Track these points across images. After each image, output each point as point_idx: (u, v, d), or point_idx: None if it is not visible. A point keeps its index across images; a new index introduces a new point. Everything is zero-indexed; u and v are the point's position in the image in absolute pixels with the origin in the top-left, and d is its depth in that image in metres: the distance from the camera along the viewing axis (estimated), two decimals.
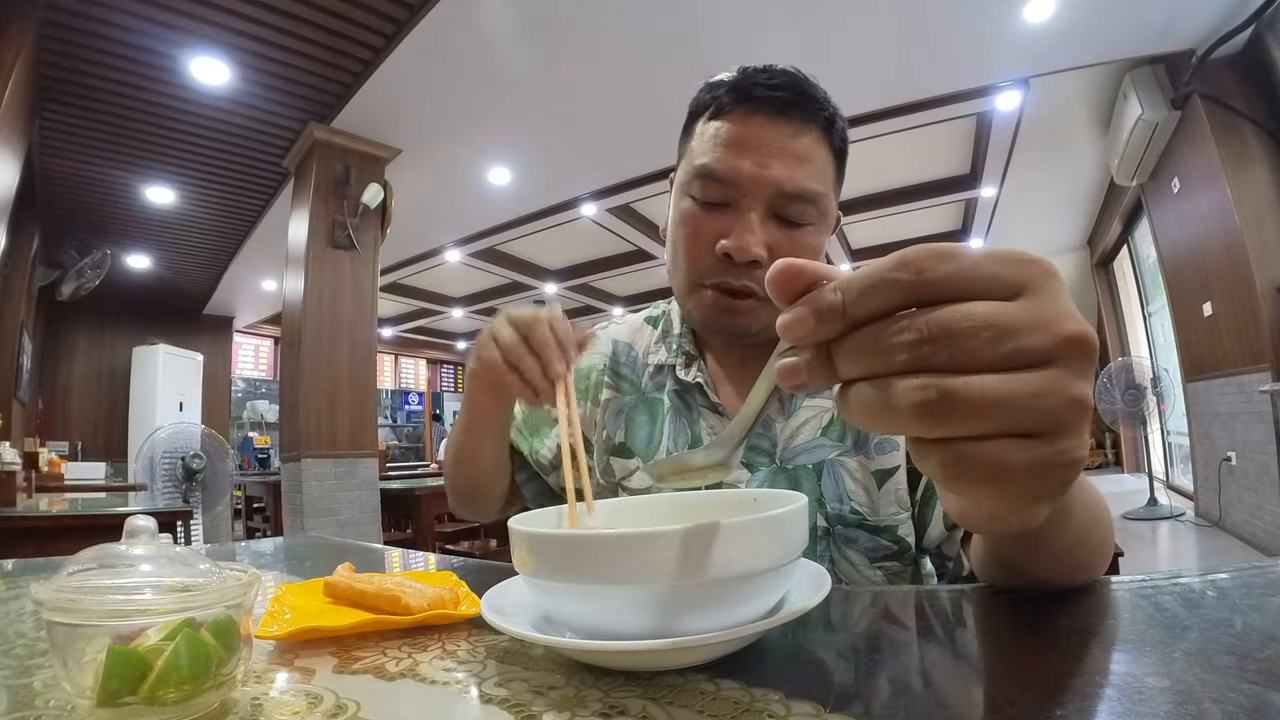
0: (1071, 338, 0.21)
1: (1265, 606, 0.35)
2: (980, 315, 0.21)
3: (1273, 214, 3.15)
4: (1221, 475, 3.69)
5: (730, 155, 0.60)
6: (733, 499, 0.44)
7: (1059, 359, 0.21)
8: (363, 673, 0.34)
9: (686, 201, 0.64)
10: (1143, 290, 5.85)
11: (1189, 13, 3.04)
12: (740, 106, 0.61)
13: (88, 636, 0.27)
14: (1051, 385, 0.21)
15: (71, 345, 6.31)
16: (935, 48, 3.27)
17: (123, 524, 0.34)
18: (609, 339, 0.79)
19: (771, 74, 0.61)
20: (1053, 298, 0.22)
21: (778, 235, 0.60)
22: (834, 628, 0.39)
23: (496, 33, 3.03)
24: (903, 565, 0.61)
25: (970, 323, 0.21)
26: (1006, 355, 0.21)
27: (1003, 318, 0.21)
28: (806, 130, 0.60)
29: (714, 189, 0.61)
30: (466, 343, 10.53)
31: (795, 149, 0.60)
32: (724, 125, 0.61)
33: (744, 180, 0.59)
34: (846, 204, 5.21)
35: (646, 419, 0.71)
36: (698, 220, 0.62)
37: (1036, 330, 0.21)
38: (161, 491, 3.63)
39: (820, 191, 0.61)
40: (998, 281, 0.22)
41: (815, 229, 0.62)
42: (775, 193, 0.59)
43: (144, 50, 3.00)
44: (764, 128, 0.60)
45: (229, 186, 4.41)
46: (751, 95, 0.60)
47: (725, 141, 0.60)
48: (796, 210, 0.60)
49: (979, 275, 0.21)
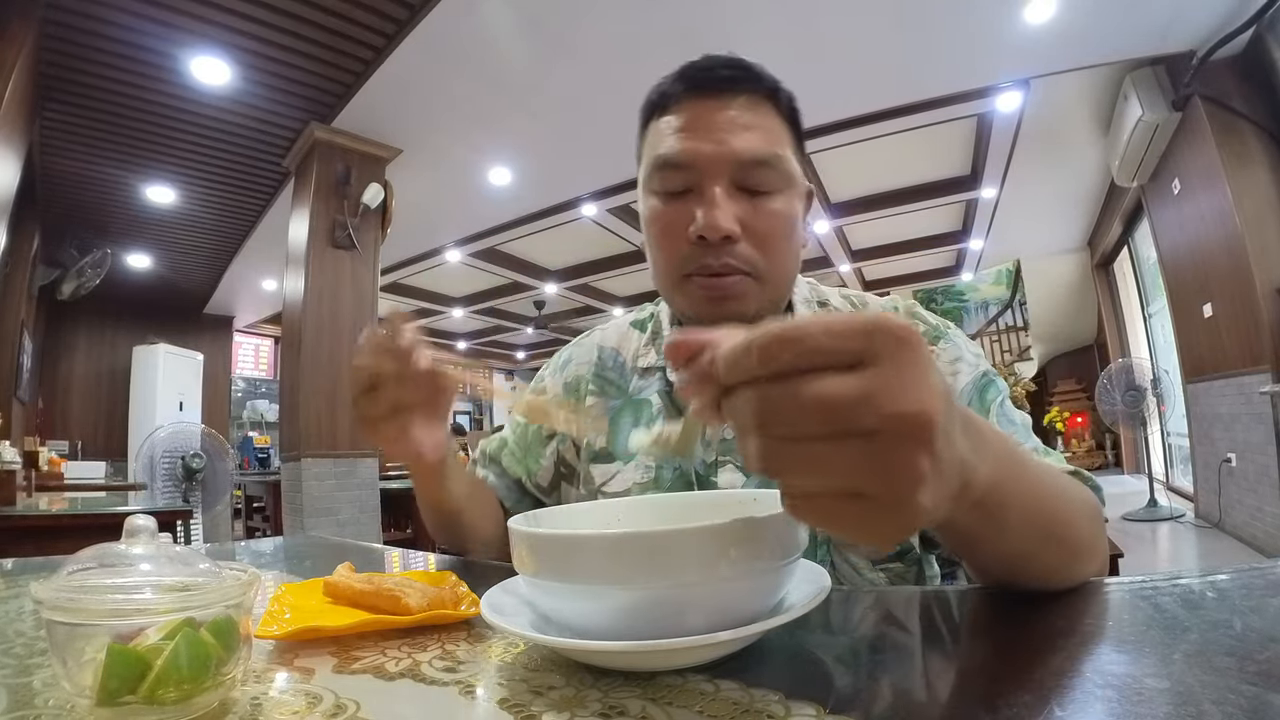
0: (897, 414, 0.23)
1: (1265, 608, 0.35)
2: (803, 395, 0.23)
3: (1273, 215, 3.15)
4: (1221, 476, 3.69)
5: (683, 140, 0.61)
6: (733, 499, 0.44)
7: (882, 432, 0.23)
8: (362, 673, 0.34)
9: (652, 199, 0.65)
10: (1143, 291, 5.85)
11: (1189, 14, 3.04)
12: (685, 95, 0.62)
13: (87, 636, 0.27)
14: (872, 455, 0.23)
15: (72, 344, 6.31)
16: (936, 48, 3.27)
17: (122, 523, 0.34)
18: (594, 345, 0.79)
19: (710, 59, 0.63)
20: (895, 367, 0.23)
21: (745, 207, 0.60)
22: (834, 629, 0.39)
23: (497, 33, 3.03)
24: (905, 566, 0.60)
25: (795, 401, 0.23)
26: (834, 428, 0.23)
27: (827, 395, 0.23)
28: (753, 101, 0.62)
29: (674, 177, 0.62)
30: (467, 342, 10.53)
31: (745, 120, 0.60)
32: (672, 117, 0.63)
33: (700, 160, 0.60)
34: (847, 204, 5.18)
35: (631, 421, 0.71)
36: (666, 213, 0.63)
37: (861, 405, 0.23)
38: (161, 491, 3.64)
39: (778, 154, 0.61)
40: (837, 354, 0.23)
41: (782, 195, 0.62)
42: (734, 164, 0.60)
43: (145, 50, 3.00)
44: (710, 108, 0.61)
45: (229, 186, 4.41)
46: (693, 80, 0.62)
47: (676, 129, 0.62)
48: (758, 177, 0.60)
49: (820, 351, 0.23)
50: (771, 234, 0.61)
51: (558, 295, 7.65)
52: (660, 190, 0.63)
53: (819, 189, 5.20)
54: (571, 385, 0.77)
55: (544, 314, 8.24)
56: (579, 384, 0.77)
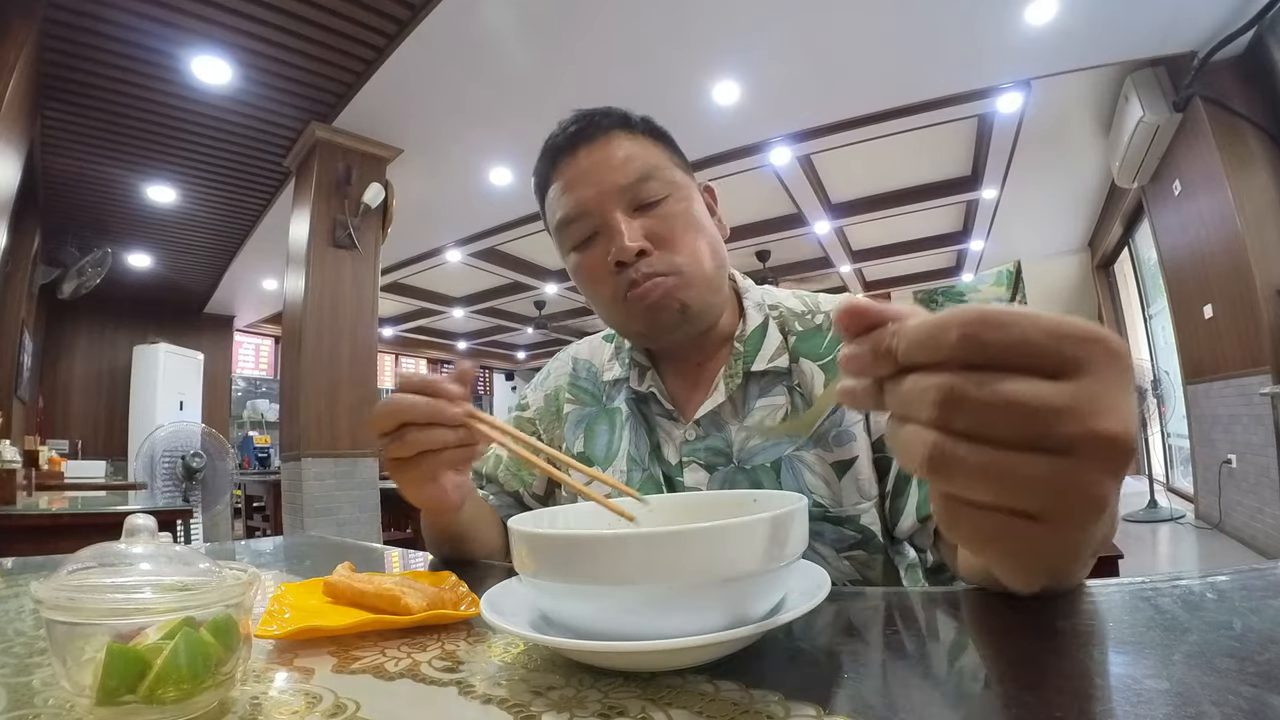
0: (1101, 435, 0.21)
1: (1265, 609, 0.35)
2: (1004, 393, 0.21)
3: (1273, 217, 3.15)
4: (1222, 478, 3.69)
5: (569, 196, 0.67)
6: (732, 499, 0.44)
7: (1080, 451, 0.21)
8: (362, 672, 0.34)
9: (571, 256, 0.70)
10: (1143, 292, 5.84)
11: (1190, 15, 3.04)
12: (555, 164, 0.69)
13: (87, 635, 0.27)
14: (1062, 475, 0.21)
15: (72, 343, 6.31)
16: (937, 49, 3.27)
17: (122, 523, 0.34)
18: (569, 358, 0.84)
19: (563, 125, 0.70)
20: (1104, 384, 0.21)
21: (646, 221, 0.65)
22: (833, 629, 0.39)
23: (499, 33, 3.03)
24: (869, 554, 0.62)
25: (991, 398, 0.21)
26: (1025, 436, 0.21)
27: (1030, 398, 0.21)
28: (610, 136, 0.67)
29: (578, 229, 0.67)
30: (467, 342, 10.54)
31: (611, 154, 0.66)
32: (556, 185, 0.69)
33: (591, 204, 0.65)
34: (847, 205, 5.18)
35: (606, 427, 0.75)
36: (586, 260, 0.68)
37: (1065, 418, 0.21)
38: (161, 490, 3.64)
39: (653, 165, 0.66)
40: (1047, 356, 0.21)
41: (673, 198, 0.67)
42: (618, 192, 0.65)
43: (146, 49, 3.00)
44: (579, 160, 0.67)
45: (230, 185, 4.41)
46: (557, 150, 0.68)
47: (561, 190, 0.68)
48: (645, 192, 0.65)
49: (1027, 347, 0.21)
50: (675, 233, 0.66)
51: (558, 295, 7.65)
52: (573, 245, 0.69)
53: (820, 189, 5.20)
54: (551, 396, 0.82)
55: (544, 314, 8.24)
56: (557, 394, 0.82)
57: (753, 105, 3.60)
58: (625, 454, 0.71)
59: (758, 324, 0.71)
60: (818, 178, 5.02)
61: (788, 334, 0.70)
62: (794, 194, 5.19)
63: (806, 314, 0.72)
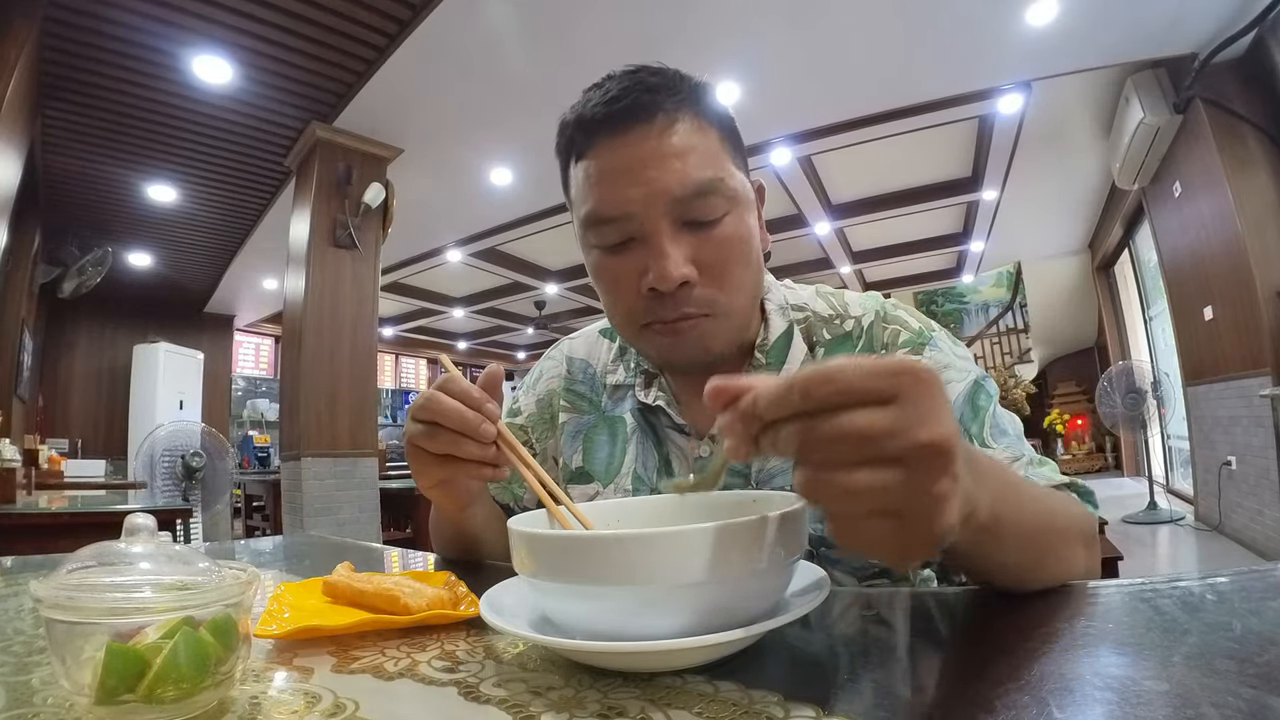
0: (923, 442, 0.26)
1: (1264, 610, 0.35)
2: (840, 426, 0.27)
3: (1273, 218, 3.15)
4: (1221, 479, 3.69)
5: (607, 190, 0.55)
6: (732, 500, 0.44)
7: (911, 457, 0.26)
8: (361, 672, 0.34)
9: (593, 253, 0.59)
10: (1144, 294, 5.84)
11: (1191, 17, 3.04)
12: (593, 138, 0.56)
13: (86, 634, 0.27)
14: (905, 479, 0.27)
15: (72, 343, 6.31)
16: (938, 50, 3.27)
17: (122, 522, 0.34)
18: (562, 357, 0.76)
19: (607, 87, 0.56)
20: (918, 403, 0.27)
21: (694, 242, 0.55)
22: (833, 630, 0.39)
23: (499, 33, 3.03)
24: (892, 582, 0.59)
25: (834, 432, 0.27)
26: (868, 455, 0.27)
27: (862, 426, 0.26)
28: (671, 120, 0.54)
29: (609, 231, 0.56)
30: (467, 342, 10.53)
31: (667, 147, 0.54)
32: (589, 163, 0.56)
33: (633, 208, 0.54)
34: (848, 206, 5.17)
35: (607, 439, 0.68)
36: (611, 267, 0.58)
37: (893, 435, 0.26)
38: (161, 489, 3.63)
39: (715, 177, 0.55)
40: (870, 393, 0.27)
41: (732, 216, 0.56)
42: (670, 202, 0.54)
43: (146, 48, 3.00)
44: (626, 144, 0.54)
45: (231, 185, 4.41)
46: (597, 121, 0.55)
47: (596, 179, 0.56)
48: (701, 208, 0.54)
49: (853, 389, 0.27)
50: (727, 264, 0.56)
51: (558, 295, 7.65)
52: (598, 245, 0.58)
53: (820, 190, 5.20)
54: (544, 401, 0.75)
55: (544, 314, 8.24)
56: (551, 399, 0.74)
57: (753, 105, 3.60)
58: (631, 471, 0.65)
59: (781, 331, 0.64)
60: (818, 178, 5.02)
61: (814, 344, 0.64)
62: (794, 195, 5.18)
63: (835, 318, 0.65)
